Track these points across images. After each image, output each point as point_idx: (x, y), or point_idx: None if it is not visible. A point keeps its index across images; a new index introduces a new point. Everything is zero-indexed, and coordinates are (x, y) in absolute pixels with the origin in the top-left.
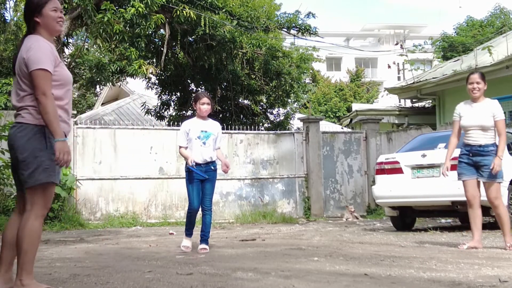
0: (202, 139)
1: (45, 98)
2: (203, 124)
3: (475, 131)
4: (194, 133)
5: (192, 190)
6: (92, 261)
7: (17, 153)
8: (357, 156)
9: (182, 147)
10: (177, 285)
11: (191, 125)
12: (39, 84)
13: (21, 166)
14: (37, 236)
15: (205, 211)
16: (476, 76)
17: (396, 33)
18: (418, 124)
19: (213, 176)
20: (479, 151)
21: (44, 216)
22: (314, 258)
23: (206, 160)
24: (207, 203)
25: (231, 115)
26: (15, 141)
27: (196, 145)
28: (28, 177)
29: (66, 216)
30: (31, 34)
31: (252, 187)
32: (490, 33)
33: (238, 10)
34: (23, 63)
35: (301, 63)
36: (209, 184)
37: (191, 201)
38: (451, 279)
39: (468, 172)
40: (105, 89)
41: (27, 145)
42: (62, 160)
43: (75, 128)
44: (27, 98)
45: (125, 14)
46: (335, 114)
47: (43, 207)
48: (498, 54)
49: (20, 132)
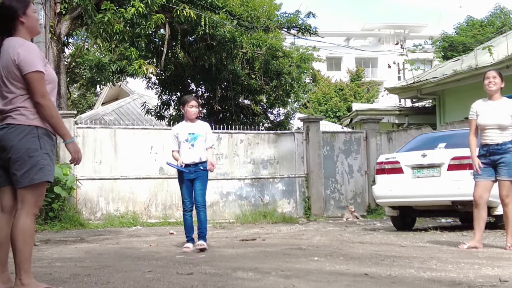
0: (190, 141)
1: (46, 100)
2: (190, 126)
3: (492, 131)
4: (182, 136)
5: (183, 190)
6: (92, 261)
7: (9, 153)
8: (357, 156)
9: (174, 151)
10: (178, 284)
11: (179, 129)
12: (37, 87)
13: (13, 166)
14: (30, 234)
15: (198, 208)
16: (493, 72)
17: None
18: (418, 124)
19: (202, 174)
20: (496, 149)
21: (35, 215)
22: (315, 258)
23: (194, 161)
24: (199, 199)
25: (231, 115)
26: (7, 141)
27: (185, 148)
28: (22, 177)
29: (67, 216)
30: (12, 36)
31: (252, 187)
32: (490, 33)
33: (238, 10)
34: (14, 65)
35: (301, 63)
36: (199, 182)
37: (184, 200)
38: (451, 279)
39: (484, 174)
40: (105, 89)
41: (21, 145)
42: (78, 159)
43: (75, 128)
44: (16, 100)
45: (125, 14)
46: (335, 114)
47: (35, 205)
48: (498, 54)
49: (12, 132)
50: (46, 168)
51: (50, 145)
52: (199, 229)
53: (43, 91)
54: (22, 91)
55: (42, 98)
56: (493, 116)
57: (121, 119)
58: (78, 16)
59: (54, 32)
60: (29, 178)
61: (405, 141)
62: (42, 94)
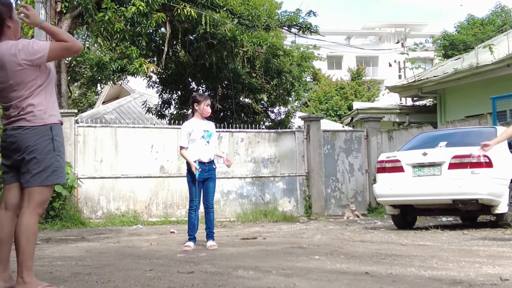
0: (206, 138)
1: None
2: (204, 124)
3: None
4: (198, 134)
5: (193, 188)
6: (93, 259)
7: (23, 154)
8: (358, 155)
9: (183, 148)
10: (178, 283)
11: (194, 126)
12: (59, 44)
13: (26, 166)
14: (33, 233)
15: (208, 209)
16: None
17: (397, 31)
18: (419, 122)
19: (214, 175)
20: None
21: (40, 215)
22: (315, 256)
23: (210, 159)
24: (210, 201)
25: (232, 113)
26: (21, 142)
27: (201, 145)
28: (33, 178)
29: (67, 215)
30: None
31: (253, 185)
32: (491, 31)
33: (239, 9)
34: (19, 62)
35: (302, 62)
36: (212, 183)
37: (193, 199)
38: (452, 278)
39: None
40: (106, 87)
41: (35, 147)
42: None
43: (76, 127)
44: (23, 101)
45: (126, 13)
46: (336, 112)
47: (40, 206)
48: (499, 52)
49: (26, 133)
50: (59, 171)
51: (62, 145)
52: (208, 228)
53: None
54: (29, 89)
55: (70, 38)
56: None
57: (121, 118)
58: (79, 15)
59: None
60: (41, 179)
61: (405, 140)
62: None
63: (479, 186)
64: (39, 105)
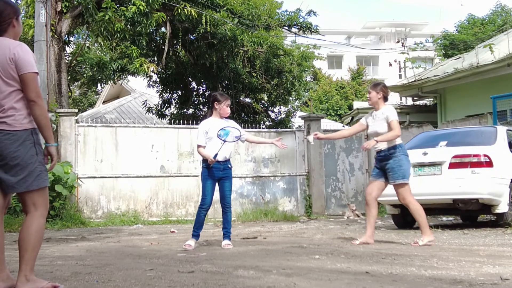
0: (223, 136)
1: (41, 100)
2: (222, 122)
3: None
4: (214, 132)
5: (208, 186)
6: (93, 259)
7: (5, 159)
8: (358, 154)
9: (201, 146)
10: (179, 283)
11: (211, 124)
12: (34, 86)
13: (9, 171)
14: (42, 235)
15: (226, 208)
16: None
17: (397, 31)
18: (420, 122)
19: (230, 174)
20: None
21: (46, 216)
22: (316, 256)
23: (225, 157)
24: (228, 200)
25: (232, 113)
26: (3, 147)
27: (217, 143)
28: (18, 183)
29: (68, 214)
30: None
31: (253, 185)
32: (491, 31)
33: (239, 8)
34: (10, 64)
35: (302, 61)
36: (228, 182)
37: (205, 197)
38: (452, 277)
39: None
40: (106, 87)
41: (18, 152)
42: (55, 165)
43: (77, 127)
44: (7, 100)
45: (126, 12)
46: (336, 112)
47: (45, 207)
48: (499, 52)
49: (8, 139)
50: (43, 174)
51: (42, 149)
52: (225, 228)
53: (38, 91)
54: (13, 90)
55: (38, 98)
56: None
57: (122, 117)
58: (79, 15)
59: (55, 30)
60: (26, 184)
61: (406, 140)
62: (37, 93)
63: (480, 185)
64: (21, 109)
